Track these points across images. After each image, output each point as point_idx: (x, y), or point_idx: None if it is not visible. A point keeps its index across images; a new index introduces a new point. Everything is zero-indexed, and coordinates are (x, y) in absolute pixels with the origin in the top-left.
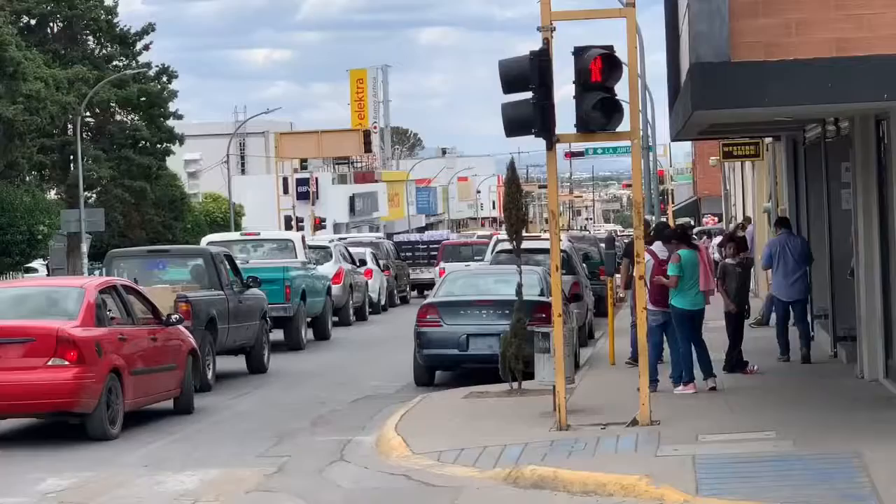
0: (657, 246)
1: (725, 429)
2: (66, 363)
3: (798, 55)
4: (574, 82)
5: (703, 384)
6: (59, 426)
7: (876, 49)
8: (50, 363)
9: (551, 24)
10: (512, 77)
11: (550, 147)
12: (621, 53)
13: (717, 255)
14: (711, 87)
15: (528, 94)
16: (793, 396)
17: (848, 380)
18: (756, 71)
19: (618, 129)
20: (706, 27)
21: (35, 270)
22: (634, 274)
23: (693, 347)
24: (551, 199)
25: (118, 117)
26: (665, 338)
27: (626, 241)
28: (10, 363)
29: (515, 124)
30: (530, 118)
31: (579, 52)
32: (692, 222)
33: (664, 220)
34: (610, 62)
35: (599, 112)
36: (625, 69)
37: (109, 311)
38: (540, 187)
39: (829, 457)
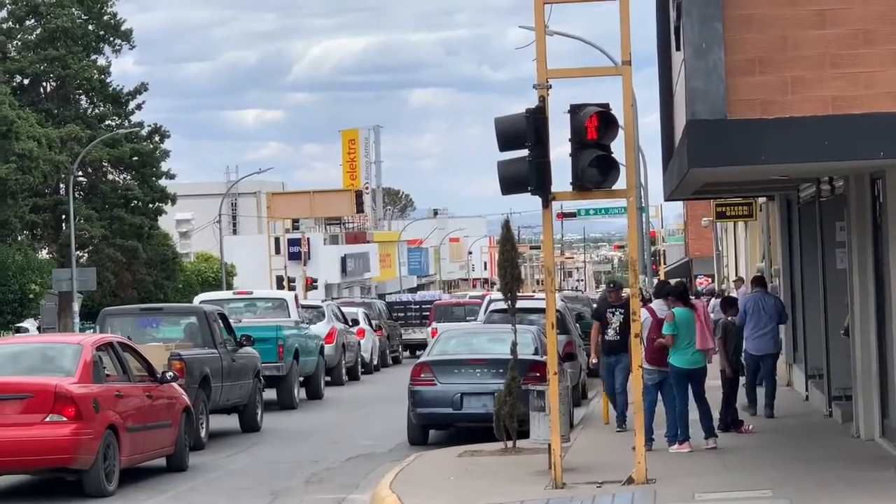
0: (657, 304)
1: (722, 487)
2: (64, 419)
3: (795, 113)
4: (570, 140)
5: (704, 443)
6: (55, 483)
7: (872, 107)
8: (48, 419)
9: (547, 81)
10: (508, 134)
11: (546, 205)
12: (617, 113)
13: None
14: (708, 145)
15: (524, 152)
16: (789, 455)
17: (844, 439)
18: (753, 128)
19: (613, 187)
20: (703, 84)
21: (26, 330)
22: (632, 332)
23: (697, 405)
24: (547, 257)
25: (110, 176)
26: (661, 397)
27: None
28: (8, 419)
29: (511, 182)
30: (526, 176)
31: (575, 110)
32: (685, 282)
33: (659, 278)
34: (606, 120)
35: (596, 169)
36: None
37: (105, 368)
38: (532, 248)
39: None
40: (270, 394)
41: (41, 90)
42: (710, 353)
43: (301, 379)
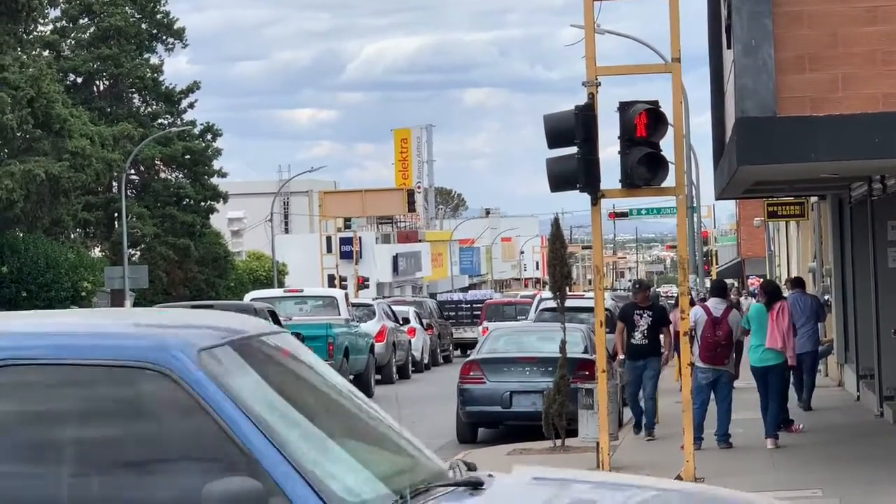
0: (712, 302)
1: (770, 486)
2: None
3: (845, 110)
4: (619, 137)
5: (764, 441)
6: None
7: None
8: None
9: (596, 79)
10: (557, 131)
11: (595, 202)
12: (666, 111)
13: None
14: (757, 142)
15: (574, 150)
16: (839, 455)
17: (895, 439)
18: (802, 125)
19: (663, 185)
20: (752, 82)
21: None
22: (679, 329)
23: (770, 402)
24: (596, 255)
25: (163, 175)
26: (714, 395)
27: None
28: None
29: (560, 179)
30: (575, 173)
31: (624, 108)
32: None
33: (711, 278)
34: (655, 117)
35: (644, 167)
36: (670, 129)
37: None
38: (584, 248)
39: None
40: None
41: (94, 88)
42: (787, 352)
43: (351, 377)
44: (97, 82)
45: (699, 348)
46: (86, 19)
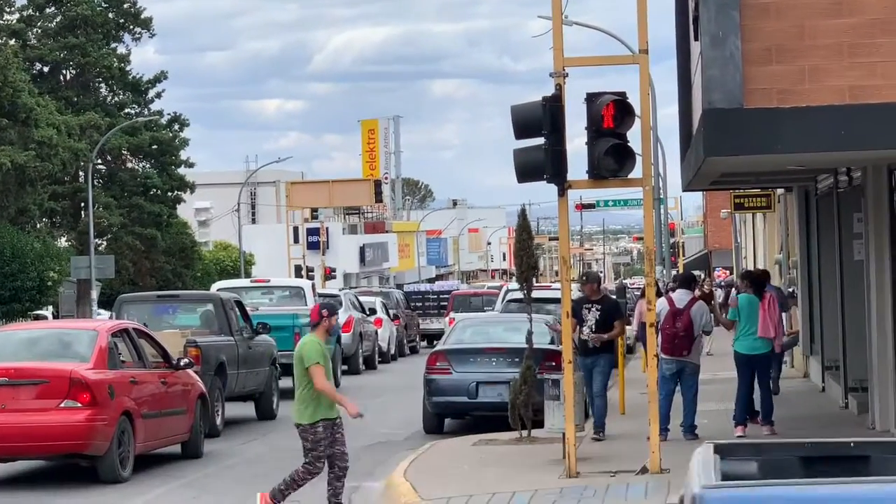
0: (678, 294)
1: None
2: (79, 405)
3: (811, 102)
4: (586, 128)
5: (761, 429)
6: (70, 469)
7: (888, 97)
8: (62, 405)
9: (563, 69)
10: (524, 122)
11: (562, 193)
12: (634, 102)
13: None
14: (724, 133)
15: (541, 140)
16: None
17: (860, 430)
18: (769, 117)
19: (630, 176)
20: (719, 73)
21: (45, 317)
22: (645, 321)
23: (760, 391)
24: (563, 245)
25: (129, 164)
26: (679, 386)
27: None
28: (23, 405)
29: (527, 170)
30: (542, 164)
31: (592, 98)
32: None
33: (677, 270)
34: (623, 108)
35: (612, 158)
36: (637, 121)
37: (121, 354)
38: (551, 239)
39: None
40: (287, 382)
41: (61, 78)
42: (775, 342)
43: None
44: (64, 71)
45: (661, 341)
46: (52, 8)
